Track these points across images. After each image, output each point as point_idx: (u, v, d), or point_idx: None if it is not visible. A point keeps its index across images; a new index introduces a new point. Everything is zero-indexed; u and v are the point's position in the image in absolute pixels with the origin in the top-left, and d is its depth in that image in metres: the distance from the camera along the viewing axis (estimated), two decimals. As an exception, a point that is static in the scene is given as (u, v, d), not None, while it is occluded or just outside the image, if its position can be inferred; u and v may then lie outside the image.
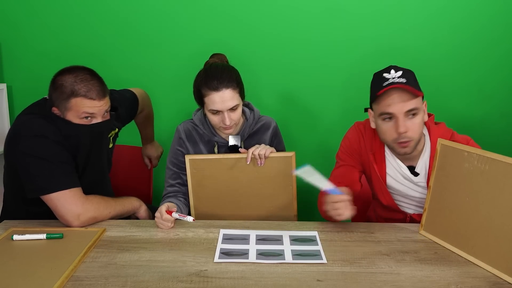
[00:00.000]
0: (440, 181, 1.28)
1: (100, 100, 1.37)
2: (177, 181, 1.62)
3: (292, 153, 1.51)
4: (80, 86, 1.34)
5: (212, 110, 1.49)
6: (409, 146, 1.35)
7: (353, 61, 2.25)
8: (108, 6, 2.19)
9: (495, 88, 2.28)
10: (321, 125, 2.35)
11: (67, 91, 1.34)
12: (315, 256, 1.21)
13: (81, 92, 1.34)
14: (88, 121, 1.38)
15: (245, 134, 1.63)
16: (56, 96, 1.36)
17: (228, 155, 1.53)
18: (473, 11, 2.17)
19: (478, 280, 1.10)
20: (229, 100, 1.47)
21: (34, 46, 2.25)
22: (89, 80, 1.36)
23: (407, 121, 1.31)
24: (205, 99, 1.49)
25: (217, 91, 1.46)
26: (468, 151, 1.19)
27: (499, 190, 1.11)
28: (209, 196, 1.55)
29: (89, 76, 1.37)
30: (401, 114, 1.30)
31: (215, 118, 1.51)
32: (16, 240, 1.26)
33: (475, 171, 1.17)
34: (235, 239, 1.32)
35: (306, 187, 2.34)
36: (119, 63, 2.25)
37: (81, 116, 1.37)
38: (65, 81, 1.35)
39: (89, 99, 1.35)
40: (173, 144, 1.65)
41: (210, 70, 1.51)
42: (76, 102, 1.34)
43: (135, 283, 1.07)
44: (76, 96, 1.34)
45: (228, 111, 1.48)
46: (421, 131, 1.36)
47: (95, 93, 1.35)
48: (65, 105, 1.36)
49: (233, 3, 2.18)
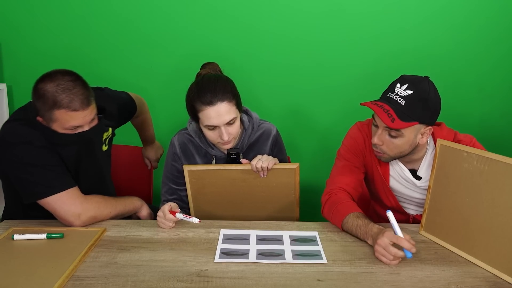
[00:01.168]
0: (440, 181, 1.28)
1: (84, 110, 1.30)
2: (173, 197, 1.58)
3: (296, 165, 1.46)
4: (62, 96, 1.26)
5: (208, 126, 1.39)
6: (383, 157, 1.37)
7: (353, 63, 2.25)
8: (108, 6, 2.19)
9: (495, 87, 2.28)
10: (320, 126, 2.36)
11: (49, 102, 1.27)
12: (315, 256, 1.21)
13: (64, 103, 1.26)
14: (74, 131, 1.33)
15: (244, 146, 1.54)
16: (40, 106, 1.30)
17: (229, 166, 1.47)
18: (473, 11, 2.18)
19: (478, 280, 1.10)
20: (226, 114, 1.37)
21: (34, 46, 2.25)
22: (71, 89, 1.28)
23: (386, 136, 1.31)
24: (200, 115, 1.39)
25: (212, 105, 1.35)
26: (467, 151, 1.19)
27: (498, 190, 1.11)
28: (209, 202, 1.52)
29: (71, 83, 1.29)
30: (381, 128, 1.31)
31: (212, 134, 1.41)
32: (16, 239, 1.26)
33: (475, 171, 1.17)
34: (235, 239, 1.32)
35: (306, 188, 2.34)
36: (119, 63, 2.25)
37: (67, 128, 1.32)
38: (47, 91, 1.27)
39: (73, 111, 1.28)
40: (168, 159, 1.57)
41: (202, 82, 1.40)
42: (61, 114, 1.28)
43: (135, 282, 1.07)
44: (59, 108, 1.27)
45: (225, 125, 1.39)
46: (401, 150, 1.33)
47: (79, 104, 1.28)
48: (50, 116, 1.30)
49: (233, 4, 2.18)
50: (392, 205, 1.50)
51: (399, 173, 1.44)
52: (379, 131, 1.32)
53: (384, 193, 1.49)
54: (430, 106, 1.28)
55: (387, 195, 1.48)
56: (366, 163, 1.49)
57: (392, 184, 1.47)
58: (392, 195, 1.48)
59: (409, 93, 1.26)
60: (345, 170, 1.47)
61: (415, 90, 1.26)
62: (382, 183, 1.47)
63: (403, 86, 1.28)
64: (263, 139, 1.58)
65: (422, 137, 1.33)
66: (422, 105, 1.26)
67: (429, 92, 1.28)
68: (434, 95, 1.30)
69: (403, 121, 1.25)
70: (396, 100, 1.27)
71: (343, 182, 1.44)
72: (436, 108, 1.31)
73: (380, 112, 1.26)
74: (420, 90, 1.27)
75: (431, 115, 1.30)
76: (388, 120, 1.25)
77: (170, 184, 1.57)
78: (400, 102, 1.26)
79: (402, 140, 1.30)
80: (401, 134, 1.28)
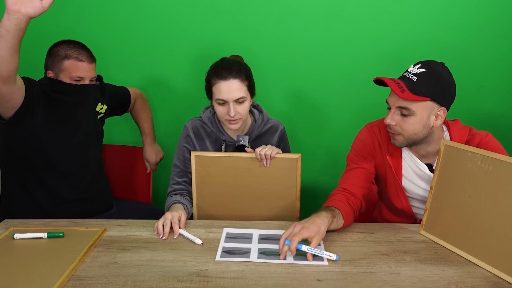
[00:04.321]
0: (443, 181, 1.29)
1: (89, 63, 1.65)
2: (183, 179, 1.61)
3: (298, 155, 1.51)
4: (73, 50, 1.62)
5: (219, 100, 1.49)
6: (397, 140, 1.37)
7: (359, 62, 2.23)
8: (108, 6, 2.19)
9: (495, 88, 2.28)
10: (329, 127, 2.34)
11: (61, 54, 1.62)
12: (315, 257, 1.20)
13: (73, 55, 1.62)
14: (78, 82, 1.64)
15: (253, 135, 1.63)
16: (51, 61, 1.64)
17: (234, 154, 1.54)
18: (473, 10, 2.17)
19: (478, 280, 1.10)
20: (236, 90, 1.47)
21: (34, 45, 2.24)
22: (80, 47, 1.64)
23: (399, 116, 1.32)
24: (213, 89, 1.51)
25: (225, 80, 1.47)
26: (472, 151, 1.19)
27: (502, 190, 1.12)
28: (212, 193, 1.55)
29: (80, 44, 1.66)
30: (394, 107, 1.33)
31: (221, 109, 1.51)
32: (17, 239, 1.26)
33: (479, 171, 1.17)
34: (238, 238, 1.32)
35: (308, 189, 2.34)
36: (119, 63, 2.25)
37: (73, 77, 1.62)
38: (60, 47, 1.63)
39: (80, 61, 1.62)
40: (180, 141, 1.64)
41: (221, 62, 1.55)
42: (70, 63, 1.61)
43: (135, 282, 1.07)
44: (69, 58, 1.61)
45: (233, 102, 1.48)
46: (415, 132, 1.33)
47: (85, 56, 1.63)
48: (59, 67, 1.62)
49: (236, 5, 2.17)
50: (402, 207, 1.49)
51: (414, 169, 1.43)
52: (391, 111, 1.34)
53: (396, 193, 1.48)
54: (442, 85, 1.30)
55: (398, 195, 1.47)
56: (377, 164, 1.49)
57: (405, 183, 1.47)
58: (404, 195, 1.47)
59: (421, 71, 1.30)
60: (353, 173, 1.48)
61: (427, 68, 1.30)
62: (395, 183, 1.46)
63: (416, 66, 1.32)
64: (271, 132, 1.68)
65: (436, 119, 1.33)
66: (433, 82, 1.29)
67: (441, 72, 1.30)
68: (448, 77, 1.32)
69: (414, 94, 1.27)
70: (408, 78, 1.30)
71: (348, 183, 1.45)
72: (449, 89, 1.33)
73: (391, 83, 1.28)
74: (432, 69, 1.30)
75: (443, 94, 1.31)
76: (398, 91, 1.27)
77: (181, 166, 1.62)
78: (412, 78, 1.30)
79: (415, 119, 1.31)
80: (413, 112, 1.30)
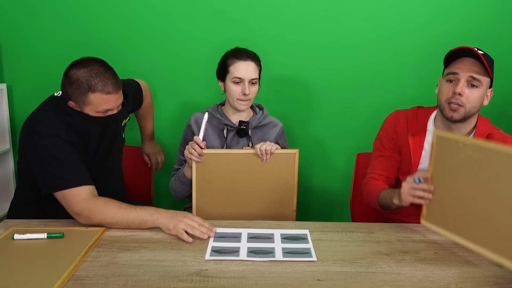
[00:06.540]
0: (438, 171, 1.30)
1: (116, 94, 1.40)
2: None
3: (296, 150, 1.56)
4: (97, 81, 1.35)
5: (235, 78, 1.62)
6: (458, 112, 1.40)
7: (359, 62, 2.24)
8: (109, 6, 2.19)
9: (494, 88, 2.27)
10: (321, 125, 2.35)
11: (83, 86, 1.36)
12: (305, 254, 1.21)
13: (98, 87, 1.36)
14: (105, 114, 1.43)
15: (253, 123, 1.73)
16: (73, 91, 1.38)
17: (235, 151, 1.60)
18: (472, 10, 2.18)
19: (478, 280, 1.10)
20: (253, 71, 1.63)
21: (34, 46, 2.24)
22: (104, 74, 1.37)
23: (467, 87, 1.38)
24: (230, 68, 1.63)
25: (244, 60, 1.63)
26: (462, 141, 1.21)
27: (494, 177, 1.13)
28: (212, 190, 1.57)
29: (103, 68, 1.39)
30: (464, 78, 1.37)
31: (236, 88, 1.63)
32: (17, 239, 1.26)
33: (471, 160, 1.19)
34: (227, 237, 1.33)
35: (303, 189, 2.34)
36: (119, 63, 2.23)
37: (99, 111, 1.41)
38: (80, 76, 1.36)
39: (107, 93, 1.37)
40: (183, 133, 1.77)
41: (239, 48, 1.69)
42: (95, 97, 1.37)
43: (135, 282, 1.07)
44: (94, 91, 1.36)
45: (248, 83, 1.62)
46: (475, 105, 1.40)
47: (112, 87, 1.38)
48: (83, 100, 1.38)
49: (237, 4, 2.18)
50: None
51: None
52: (461, 82, 1.38)
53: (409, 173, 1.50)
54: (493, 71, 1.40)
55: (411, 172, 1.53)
56: (400, 146, 1.56)
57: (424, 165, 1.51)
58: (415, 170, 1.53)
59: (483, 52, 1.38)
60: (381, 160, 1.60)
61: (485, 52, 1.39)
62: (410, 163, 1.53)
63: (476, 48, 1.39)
64: (270, 125, 1.79)
65: (486, 99, 1.42)
66: (492, 65, 1.40)
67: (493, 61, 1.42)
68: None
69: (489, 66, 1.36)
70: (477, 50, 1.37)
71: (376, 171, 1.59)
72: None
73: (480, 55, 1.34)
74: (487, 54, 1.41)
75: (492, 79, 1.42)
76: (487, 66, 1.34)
77: (182, 157, 1.69)
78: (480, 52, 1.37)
79: (480, 92, 1.39)
80: (481, 84, 1.38)
